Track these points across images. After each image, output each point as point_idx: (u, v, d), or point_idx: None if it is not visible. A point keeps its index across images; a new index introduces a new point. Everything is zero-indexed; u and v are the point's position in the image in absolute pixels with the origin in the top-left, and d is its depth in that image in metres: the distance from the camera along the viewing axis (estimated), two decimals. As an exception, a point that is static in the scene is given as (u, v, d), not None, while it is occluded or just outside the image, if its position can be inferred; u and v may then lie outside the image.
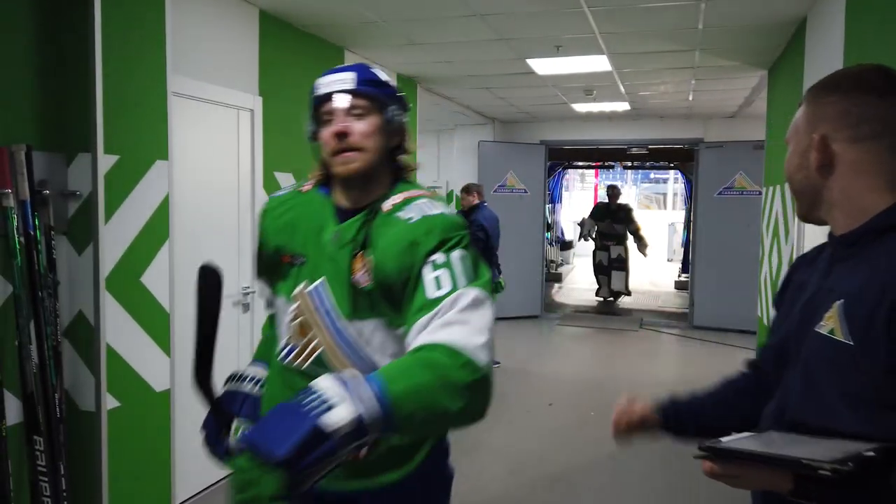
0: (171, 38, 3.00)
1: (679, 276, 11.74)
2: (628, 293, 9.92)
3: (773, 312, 1.29)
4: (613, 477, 3.95)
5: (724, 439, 0.99)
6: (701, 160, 8.38)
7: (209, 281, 1.49)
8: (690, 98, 7.02)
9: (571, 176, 18.23)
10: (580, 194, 24.11)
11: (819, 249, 1.20)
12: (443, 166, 9.54)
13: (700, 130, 8.65)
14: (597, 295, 9.99)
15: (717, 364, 6.43)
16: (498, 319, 6.81)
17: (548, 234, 11.43)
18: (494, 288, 5.29)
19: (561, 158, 11.78)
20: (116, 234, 2.78)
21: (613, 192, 10.03)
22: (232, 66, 3.77)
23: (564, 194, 15.83)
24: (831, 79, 1.14)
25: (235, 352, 3.87)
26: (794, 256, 3.96)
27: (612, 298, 9.83)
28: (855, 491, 0.89)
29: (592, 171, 19.49)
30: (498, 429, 4.53)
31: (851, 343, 0.97)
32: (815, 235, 3.61)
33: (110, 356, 2.75)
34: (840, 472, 0.84)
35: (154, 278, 2.98)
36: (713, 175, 8.21)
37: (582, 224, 10.45)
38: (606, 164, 13.03)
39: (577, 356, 7.30)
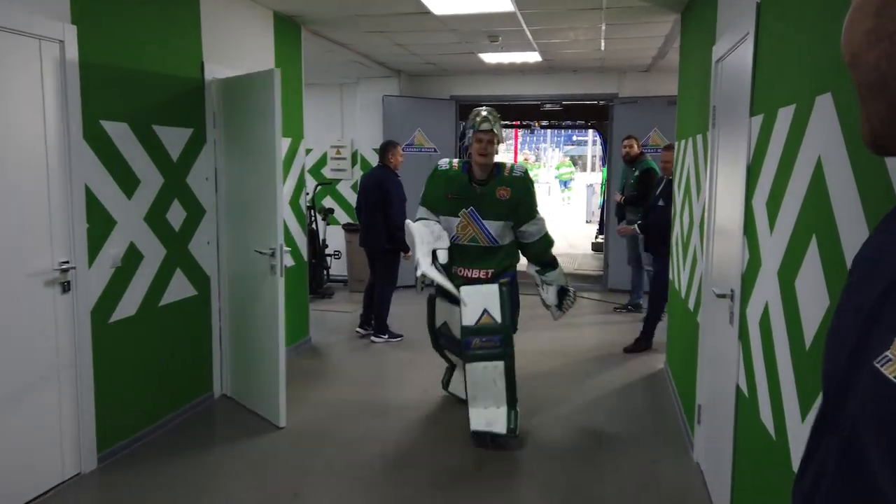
0: None
1: (596, 237, 11.55)
2: None
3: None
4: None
5: None
6: (615, 116, 8.06)
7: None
8: (602, 48, 6.57)
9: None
10: (502, 157, 23.79)
11: None
12: (346, 122, 8.81)
13: (615, 86, 8.30)
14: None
15: (630, 330, 6.13)
16: (399, 288, 6.39)
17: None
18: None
19: (476, 117, 11.26)
20: None
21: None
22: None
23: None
24: None
25: (53, 339, 3.16)
26: (706, 214, 3.56)
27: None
28: None
29: (512, 133, 19.07)
30: (401, 395, 4.07)
31: None
32: (726, 191, 3.21)
33: None
34: None
35: None
36: (628, 131, 7.83)
37: None
38: (524, 122, 12.60)
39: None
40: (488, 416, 3.69)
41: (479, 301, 3.71)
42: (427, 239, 3.78)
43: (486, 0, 4.69)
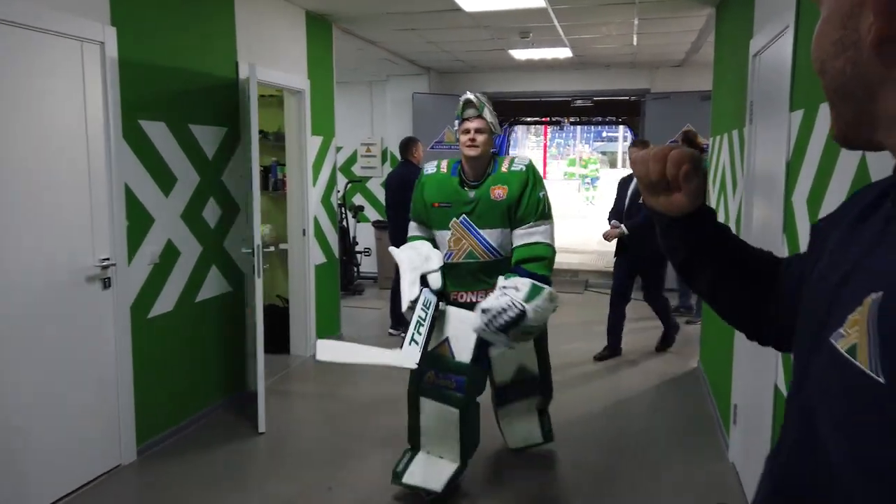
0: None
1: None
2: None
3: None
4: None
5: None
6: (647, 112, 7.96)
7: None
8: (635, 43, 6.49)
9: (522, 133, 17.69)
10: (531, 153, 23.64)
11: (881, 192, 0.69)
12: (376, 120, 8.85)
13: (646, 81, 8.20)
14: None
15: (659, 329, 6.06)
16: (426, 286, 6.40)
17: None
18: None
19: (505, 114, 11.23)
20: None
21: None
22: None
23: (513, 153, 15.28)
24: None
25: (94, 333, 3.24)
26: (742, 211, 3.50)
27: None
28: None
29: (542, 129, 18.99)
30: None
31: (882, 380, 0.50)
32: (765, 187, 3.16)
33: None
34: None
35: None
36: (660, 127, 7.78)
37: None
38: (553, 119, 12.51)
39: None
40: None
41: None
42: (414, 263, 2.99)
43: (517, -4, 4.67)
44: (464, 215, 3.00)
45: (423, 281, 2.96)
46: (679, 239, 0.97)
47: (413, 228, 3.23)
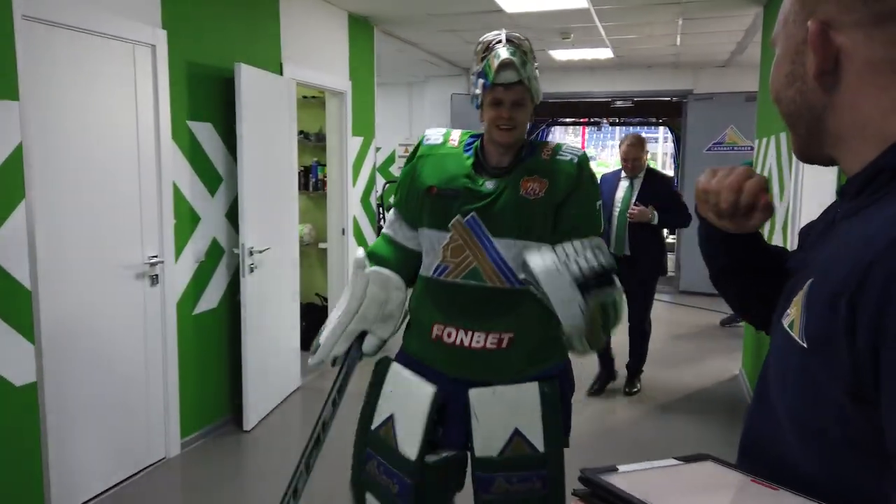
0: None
1: (667, 237, 11.25)
2: None
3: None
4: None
5: (621, 468, 0.71)
6: (689, 113, 7.83)
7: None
8: (678, 43, 6.39)
9: (558, 133, 17.57)
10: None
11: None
12: (414, 121, 8.89)
13: (689, 81, 8.06)
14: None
15: (705, 334, 5.96)
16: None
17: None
18: None
19: (543, 115, 11.16)
20: (-59, 194, 2.21)
21: None
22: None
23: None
24: None
25: (141, 329, 3.32)
26: (790, 217, 3.42)
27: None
28: None
29: (580, 130, 18.81)
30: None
31: (805, 345, 0.66)
32: (816, 192, 3.07)
33: (-60, 347, 2.21)
34: None
35: (4, 248, 2.42)
36: (702, 129, 7.68)
37: None
38: (592, 120, 12.39)
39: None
40: None
41: (505, 414, 1.87)
42: (367, 312, 1.93)
43: (559, -3, 4.64)
44: (473, 213, 1.84)
45: (360, 338, 1.97)
46: (726, 251, 1.00)
47: (390, 224, 2.03)
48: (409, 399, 1.90)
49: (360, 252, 1.98)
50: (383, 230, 2.07)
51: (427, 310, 1.92)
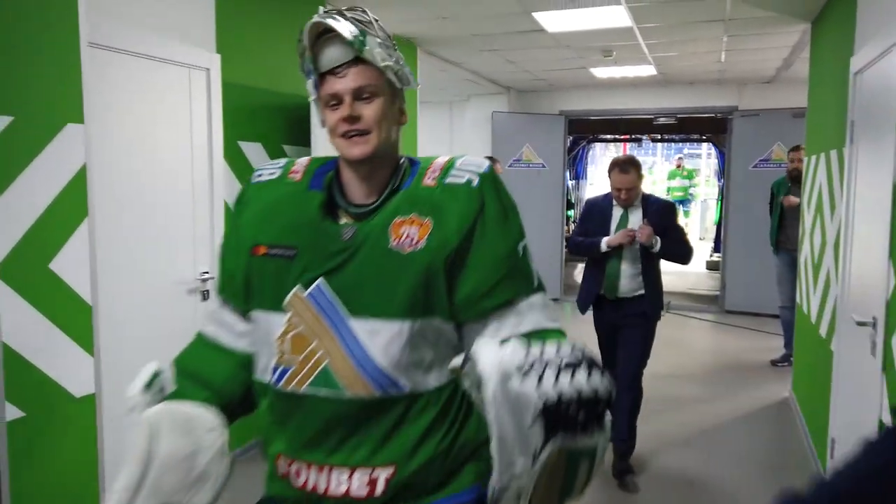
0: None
1: (711, 255, 11.07)
2: None
3: None
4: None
5: None
6: (735, 130, 7.72)
7: None
8: (723, 59, 6.33)
9: (599, 151, 17.45)
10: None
11: None
12: (455, 140, 8.97)
13: (734, 98, 7.96)
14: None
15: (750, 354, 5.83)
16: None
17: (570, 213, 10.83)
18: None
19: (584, 131, 11.15)
20: (12, 212, 2.32)
21: None
22: (180, 15, 3.27)
23: (591, 170, 15.09)
24: None
25: (192, 345, 3.41)
26: (842, 235, 3.34)
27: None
28: None
29: (621, 147, 18.69)
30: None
31: None
32: (867, 210, 3.00)
33: (8, 357, 2.31)
34: None
35: (68, 265, 2.52)
36: (748, 146, 7.56)
37: None
38: (634, 137, 12.32)
39: (595, 344, 6.74)
40: None
41: None
42: (164, 482, 1.28)
43: (602, 16, 4.66)
44: (320, 280, 1.20)
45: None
46: None
47: (210, 317, 1.39)
48: None
49: (138, 382, 1.35)
50: (200, 328, 1.40)
51: (270, 432, 1.32)
